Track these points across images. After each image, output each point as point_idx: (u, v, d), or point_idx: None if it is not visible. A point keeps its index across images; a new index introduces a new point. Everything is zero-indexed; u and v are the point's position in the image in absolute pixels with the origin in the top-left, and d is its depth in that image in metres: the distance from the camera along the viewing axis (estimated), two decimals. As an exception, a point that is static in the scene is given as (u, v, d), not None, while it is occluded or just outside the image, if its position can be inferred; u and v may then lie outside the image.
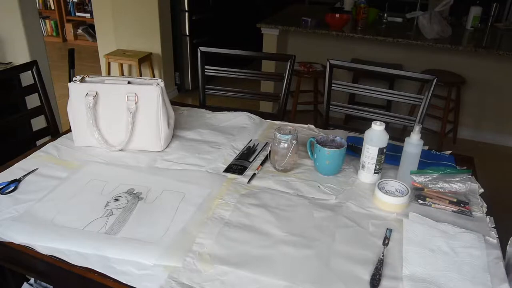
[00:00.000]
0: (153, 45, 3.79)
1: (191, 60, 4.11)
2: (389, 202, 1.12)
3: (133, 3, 3.65)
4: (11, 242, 0.98)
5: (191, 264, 0.92)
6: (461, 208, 1.13)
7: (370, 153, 1.21)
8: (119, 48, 3.91)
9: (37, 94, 1.68)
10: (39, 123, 1.82)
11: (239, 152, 1.41)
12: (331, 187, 1.23)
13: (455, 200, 1.16)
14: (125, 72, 3.95)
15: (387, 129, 1.20)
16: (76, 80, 1.35)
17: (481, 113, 3.44)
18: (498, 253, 0.98)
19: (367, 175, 1.25)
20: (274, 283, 0.88)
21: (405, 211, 1.12)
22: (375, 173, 1.24)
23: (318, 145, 1.26)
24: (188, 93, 4.28)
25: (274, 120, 1.68)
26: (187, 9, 3.87)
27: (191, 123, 1.60)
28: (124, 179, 1.23)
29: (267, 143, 1.47)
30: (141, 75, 3.73)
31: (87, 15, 6.20)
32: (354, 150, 1.39)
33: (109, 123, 1.36)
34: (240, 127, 1.60)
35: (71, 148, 1.40)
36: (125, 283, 0.88)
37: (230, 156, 1.38)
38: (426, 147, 1.43)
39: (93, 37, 6.10)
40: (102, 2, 3.83)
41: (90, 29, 6.24)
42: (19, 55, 2.46)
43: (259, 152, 1.41)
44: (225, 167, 1.31)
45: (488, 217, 1.11)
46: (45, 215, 1.06)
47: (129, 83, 1.35)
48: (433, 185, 1.19)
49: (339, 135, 1.34)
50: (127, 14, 3.73)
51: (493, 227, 1.07)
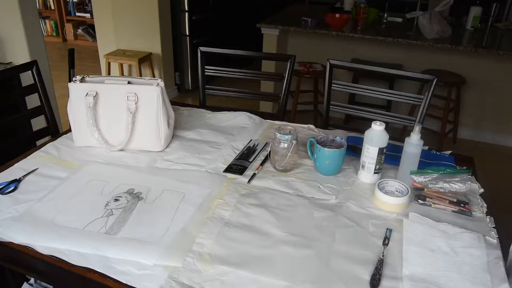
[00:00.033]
0: (153, 45, 3.79)
1: (191, 60, 4.11)
2: (389, 202, 1.12)
3: (133, 3, 3.65)
4: (11, 242, 0.98)
5: (191, 264, 0.92)
6: (461, 208, 1.13)
7: (370, 153, 1.21)
8: (119, 48, 3.91)
9: (37, 94, 1.68)
10: (39, 123, 1.82)
11: (239, 152, 1.41)
12: (331, 187, 1.23)
13: (455, 200, 1.16)
14: (125, 72, 3.95)
15: (387, 129, 1.20)
16: (76, 80, 1.35)
17: (481, 113, 3.44)
18: (498, 253, 0.98)
19: (367, 175, 1.25)
20: (274, 283, 0.88)
21: (405, 211, 1.12)
22: (375, 173, 1.24)
23: (318, 145, 1.26)
24: (188, 93, 4.28)
25: (274, 120, 1.68)
26: (187, 9, 3.87)
27: (191, 123, 1.60)
28: (124, 179, 1.23)
29: (267, 143, 1.47)
30: (141, 75, 3.73)
31: (87, 15, 6.20)
32: (354, 150, 1.39)
33: (109, 123, 1.36)
34: (240, 127, 1.60)
35: (71, 148, 1.40)
36: (125, 283, 0.88)
37: (230, 156, 1.38)
38: (426, 147, 1.43)
39: (93, 37, 6.10)
40: (102, 2, 3.84)
41: (90, 29, 6.24)
42: (19, 55, 2.46)
43: (259, 152, 1.41)
44: (225, 167, 1.31)
45: (488, 217, 1.11)
46: (45, 215, 1.06)
47: (129, 83, 1.35)
48: (433, 185, 1.19)
49: (339, 135, 1.34)
50: (127, 14, 3.73)
51: (493, 227, 1.07)
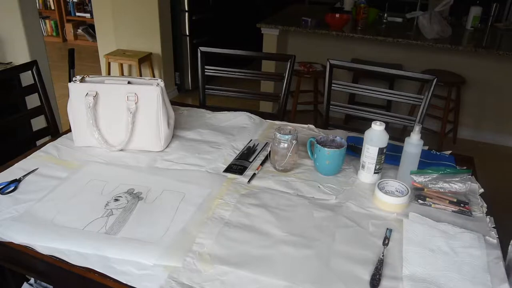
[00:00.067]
0: (153, 45, 3.79)
1: (191, 60, 4.11)
2: (389, 202, 1.12)
3: (133, 3, 3.66)
4: (11, 242, 0.98)
5: (191, 264, 0.92)
6: (461, 208, 1.13)
7: (370, 153, 1.21)
8: (119, 48, 3.91)
9: (37, 94, 1.68)
10: (39, 123, 1.82)
11: (239, 152, 1.41)
12: (331, 187, 1.23)
13: (455, 200, 1.16)
14: (125, 72, 3.95)
15: (387, 129, 1.20)
16: (76, 80, 1.35)
17: (481, 113, 3.44)
18: (498, 253, 0.98)
19: (367, 175, 1.25)
20: (274, 283, 0.88)
21: (405, 211, 1.12)
22: (375, 173, 1.24)
23: (318, 145, 1.26)
24: (188, 93, 4.28)
25: (274, 120, 1.68)
26: (187, 9, 3.87)
27: (191, 123, 1.60)
28: (124, 179, 1.23)
29: (267, 143, 1.47)
30: (141, 75, 3.73)
31: (87, 15, 6.20)
32: (354, 150, 1.39)
33: (109, 123, 1.36)
34: (240, 127, 1.60)
35: (71, 148, 1.40)
36: (125, 283, 0.88)
37: (230, 156, 1.38)
38: (426, 147, 1.43)
39: (93, 37, 6.10)
40: (102, 2, 3.84)
41: (90, 29, 6.24)
42: (19, 55, 2.46)
43: (259, 152, 1.41)
44: (225, 167, 1.31)
45: (488, 217, 1.11)
46: (45, 215, 1.06)
47: (129, 83, 1.35)
48: (433, 185, 1.19)
49: (339, 135, 1.34)
50: (127, 14, 3.73)
51: (493, 227, 1.07)
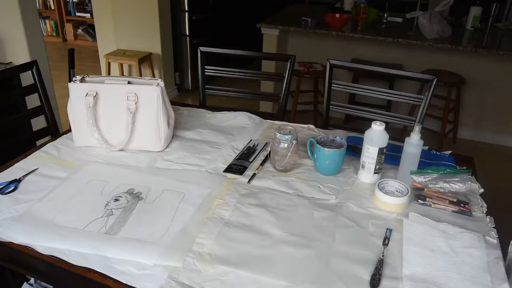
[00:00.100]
0: (153, 45, 3.79)
1: (191, 60, 4.11)
2: (389, 202, 1.12)
3: (133, 3, 3.66)
4: (11, 242, 0.98)
5: (191, 264, 0.92)
6: (461, 208, 1.13)
7: (370, 153, 1.21)
8: (119, 48, 3.91)
9: (37, 94, 1.68)
10: (39, 123, 1.82)
11: (239, 152, 1.41)
12: (331, 187, 1.23)
13: (455, 200, 1.16)
14: (125, 72, 3.95)
15: (387, 129, 1.20)
16: (76, 80, 1.35)
17: (481, 113, 3.44)
18: (498, 253, 0.98)
19: (367, 175, 1.25)
20: (274, 283, 0.88)
21: (405, 211, 1.12)
22: (375, 173, 1.24)
23: (318, 145, 1.26)
24: (188, 93, 4.28)
25: (274, 120, 1.68)
26: (187, 9, 3.87)
27: (191, 123, 1.60)
28: (124, 179, 1.23)
29: (267, 143, 1.47)
30: (141, 75, 3.73)
31: (87, 15, 6.20)
32: (354, 150, 1.39)
33: (109, 123, 1.36)
34: (240, 127, 1.60)
35: (71, 148, 1.40)
36: (125, 283, 0.88)
37: (230, 156, 1.38)
38: (426, 147, 1.43)
39: (93, 37, 6.10)
40: (102, 2, 3.84)
41: (90, 29, 6.24)
42: (19, 55, 2.46)
43: (259, 152, 1.41)
44: (225, 167, 1.31)
45: (488, 217, 1.11)
46: (45, 215, 1.06)
47: (129, 83, 1.35)
48: (433, 185, 1.19)
49: (339, 135, 1.34)
50: (127, 14, 3.73)
51: (493, 227, 1.07)
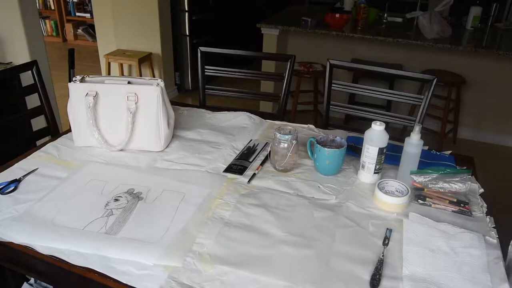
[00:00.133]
0: (153, 45, 3.79)
1: (191, 60, 4.11)
2: (389, 202, 1.12)
3: (133, 3, 3.66)
4: (11, 242, 0.98)
5: (191, 264, 0.92)
6: (461, 208, 1.13)
7: (370, 153, 1.21)
8: (119, 48, 3.91)
9: (37, 94, 1.68)
10: (39, 123, 1.82)
11: (239, 152, 1.41)
12: (331, 187, 1.23)
13: (455, 200, 1.16)
14: (125, 72, 3.95)
15: (387, 129, 1.20)
16: (76, 80, 1.35)
17: (481, 113, 3.44)
18: (498, 253, 0.98)
19: (367, 175, 1.25)
20: (274, 283, 0.88)
21: (405, 211, 1.12)
22: (375, 173, 1.24)
23: (318, 145, 1.26)
24: (188, 93, 4.28)
25: (274, 120, 1.68)
26: (187, 9, 3.87)
27: (191, 123, 1.60)
28: (124, 179, 1.23)
29: (267, 143, 1.47)
30: (141, 75, 3.73)
31: (87, 15, 6.20)
32: (354, 150, 1.39)
33: (109, 123, 1.36)
34: (240, 127, 1.60)
35: (71, 148, 1.40)
36: (125, 283, 0.88)
37: (230, 156, 1.38)
38: (426, 147, 1.43)
39: (93, 37, 6.10)
40: (102, 2, 3.84)
41: (90, 29, 6.24)
42: (19, 55, 2.46)
43: (259, 152, 1.41)
44: (225, 167, 1.31)
45: (488, 217, 1.11)
46: (45, 215, 1.06)
47: (129, 83, 1.35)
48: (433, 185, 1.19)
49: (339, 135, 1.34)
50: (127, 14, 3.73)
51: (493, 227, 1.07)
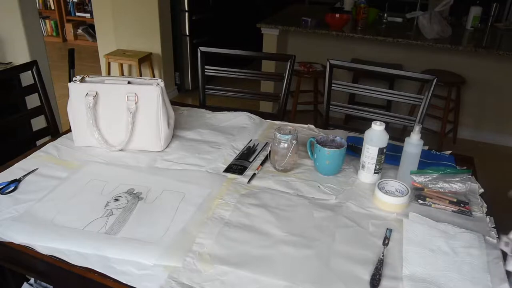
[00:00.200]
0: (153, 45, 3.79)
1: (191, 60, 4.11)
2: (389, 202, 1.12)
3: (133, 3, 3.65)
4: (11, 242, 0.98)
5: (191, 264, 0.92)
6: (461, 208, 1.13)
7: (370, 153, 1.21)
8: (119, 48, 3.91)
9: (37, 94, 1.68)
10: (39, 123, 1.82)
11: (239, 152, 1.41)
12: (331, 187, 1.23)
13: (455, 200, 1.16)
14: (125, 72, 3.95)
15: (387, 129, 1.20)
16: (76, 80, 1.35)
17: (481, 113, 3.44)
18: (498, 253, 0.97)
19: (367, 175, 1.25)
20: (274, 283, 0.88)
21: (405, 211, 1.12)
22: (375, 173, 1.24)
23: (318, 145, 1.26)
24: (188, 93, 4.28)
25: (274, 120, 1.68)
26: (187, 9, 3.87)
27: (191, 123, 1.60)
28: (124, 179, 1.23)
29: (267, 143, 1.47)
30: (141, 75, 3.73)
31: (87, 15, 6.20)
32: (354, 150, 1.39)
33: (109, 123, 1.36)
34: (240, 127, 1.60)
35: (71, 148, 1.40)
36: (125, 283, 0.88)
37: (230, 156, 1.38)
38: (426, 147, 1.43)
39: (93, 37, 6.10)
40: (102, 2, 3.84)
41: (90, 29, 6.24)
42: (19, 55, 2.46)
43: (259, 152, 1.41)
44: (225, 167, 1.31)
45: (488, 217, 1.11)
46: (45, 215, 1.06)
47: (129, 83, 1.35)
48: (433, 185, 1.19)
49: (339, 135, 1.34)
50: (127, 14, 3.73)
51: (493, 227, 1.07)
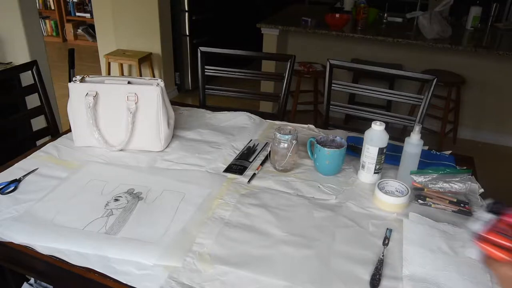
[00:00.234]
0: (153, 45, 3.79)
1: (191, 60, 4.11)
2: (389, 202, 1.12)
3: (133, 3, 3.65)
4: (11, 242, 0.98)
5: (191, 264, 0.92)
6: (461, 208, 1.13)
7: (370, 153, 1.21)
8: (119, 48, 3.91)
9: (37, 94, 1.68)
10: (39, 123, 1.82)
11: (239, 152, 1.41)
12: (331, 187, 1.23)
13: (455, 200, 1.16)
14: (125, 72, 3.95)
15: (387, 129, 1.20)
16: (76, 80, 1.35)
17: (481, 113, 3.44)
18: (498, 253, 0.97)
19: (367, 175, 1.25)
20: (274, 283, 0.88)
21: (405, 211, 1.12)
22: (375, 173, 1.24)
23: (318, 145, 1.26)
24: (188, 93, 4.28)
25: (274, 120, 1.68)
26: (187, 9, 3.87)
27: (191, 123, 1.60)
28: (124, 179, 1.23)
29: (267, 143, 1.47)
30: (141, 75, 3.73)
31: (87, 15, 6.20)
32: (354, 150, 1.39)
33: (109, 123, 1.36)
34: (240, 127, 1.60)
35: (71, 148, 1.40)
36: (125, 283, 0.88)
37: (230, 156, 1.38)
38: (426, 147, 1.43)
39: (93, 37, 6.10)
40: (102, 2, 3.84)
41: (90, 29, 6.24)
42: (19, 55, 2.46)
43: (259, 152, 1.41)
44: (225, 167, 1.31)
45: (488, 217, 1.11)
46: (45, 215, 1.06)
47: (129, 83, 1.35)
48: (433, 185, 1.19)
49: (339, 135, 1.34)
50: (127, 14, 3.73)
51: (493, 227, 1.07)
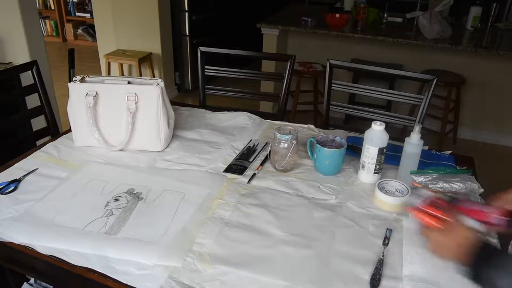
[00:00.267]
0: (153, 45, 3.79)
1: (191, 60, 4.11)
2: (389, 202, 1.12)
3: (133, 3, 3.65)
4: (11, 242, 0.98)
5: (191, 264, 0.92)
6: (461, 208, 1.13)
7: (370, 153, 1.21)
8: (119, 48, 3.91)
9: (37, 94, 1.68)
10: (39, 123, 1.82)
11: (239, 152, 1.41)
12: (331, 187, 1.23)
13: (455, 200, 1.16)
14: (125, 72, 3.95)
15: (387, 129, 1.20)
16: (76, 80, 1.35)
17: (481, 113, 3.44)
18: (498, 253, 0.97)
19: (367, 175, 1.25)
20: (274, 283, 0.88)
21: (405, 211, 1.12)
22: (375, 173, 1.24)
23: (318, 145, 1.26)
24: (188, 93, 4.28)
25: (274, 120, 1.68)
26: (187, 9, 3.87)
27: (191, 123, 1.60)
28: (124, 179, 1.23)
29: (267, 143, 1.47)
30: (141, 75, 3.73)
31: (87, 15, 6.19)
32: (354, 150, 1.39)
33: (109, 123, 1.36)
34: (240, 127, 1.60)
35: (71, 148, 1.40)
36: (125, 283, 0.88)
37: (230, 156, 1.38)
38: (426, 147, 1.43)
39: (93, 37, 6.10)
40: (102, 2, 3.83)
41: (90, 29, 6.24)
42: (19, 55, 2.46)
43: (259, 152, 1.41)
44: (225, 167, 1.31)
45: (488, 217, 1.11)
46: (45, 215, 1.06)
47: (129, 83, 1.35)
48: (433, 185, 1.18)
49: (339, 135, 1.34)
50: (127, 14, 3.73)
51: (493, 227, 1.07)
